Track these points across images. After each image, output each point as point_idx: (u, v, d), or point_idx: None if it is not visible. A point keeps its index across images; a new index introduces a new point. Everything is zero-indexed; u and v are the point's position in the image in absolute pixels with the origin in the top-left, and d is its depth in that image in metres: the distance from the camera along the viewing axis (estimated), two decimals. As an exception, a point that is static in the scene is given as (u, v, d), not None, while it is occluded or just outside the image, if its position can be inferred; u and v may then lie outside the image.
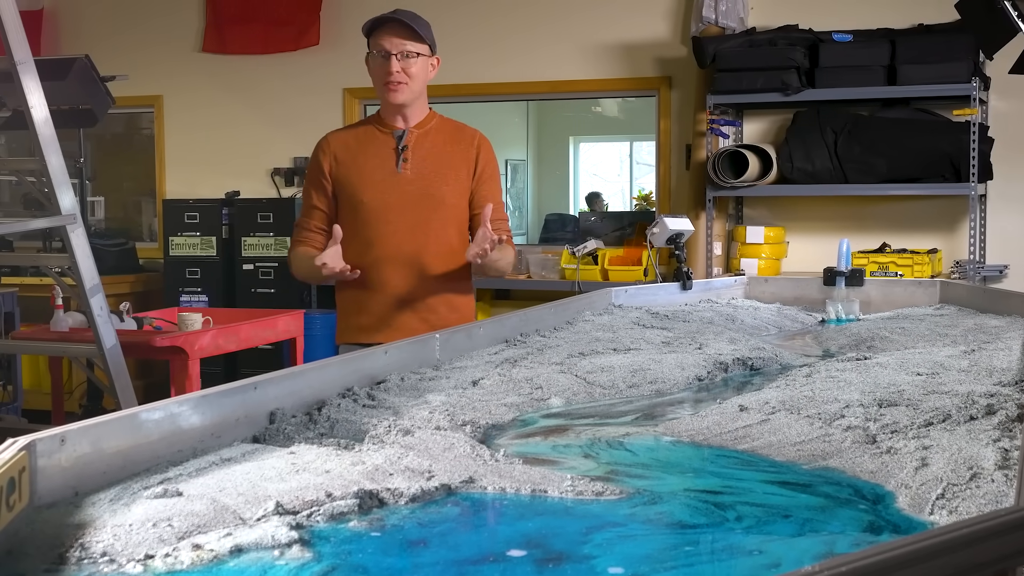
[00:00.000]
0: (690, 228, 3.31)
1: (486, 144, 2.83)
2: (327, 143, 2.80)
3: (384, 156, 2.74)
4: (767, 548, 1.09)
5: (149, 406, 1.33)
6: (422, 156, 2.75)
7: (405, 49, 2.68)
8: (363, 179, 2.73)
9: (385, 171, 2.73)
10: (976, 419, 1.52)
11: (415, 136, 2.75)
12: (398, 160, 2.73)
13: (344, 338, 2.78)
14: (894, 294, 3.26)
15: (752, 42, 5.36)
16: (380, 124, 2.79)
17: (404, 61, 2.68)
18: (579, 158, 11.06)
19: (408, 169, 2.73)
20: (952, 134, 5.03)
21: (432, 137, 2.77)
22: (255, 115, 6.69)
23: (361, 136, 2.79)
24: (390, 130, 2.76)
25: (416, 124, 2.77)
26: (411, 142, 2.74)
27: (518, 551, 1.09)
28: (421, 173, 2.73)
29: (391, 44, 2.68)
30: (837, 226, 5.43)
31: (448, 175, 2.75)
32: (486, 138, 2.85)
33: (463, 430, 1.53)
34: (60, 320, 4.23)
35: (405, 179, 2.72)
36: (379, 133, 2.77)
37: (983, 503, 1.15)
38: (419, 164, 2.74)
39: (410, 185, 2.72)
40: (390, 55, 2.68)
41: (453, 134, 2.81)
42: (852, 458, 1.39)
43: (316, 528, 1.12)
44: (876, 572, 0.70)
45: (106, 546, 1.03)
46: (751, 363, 2.19)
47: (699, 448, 1.52)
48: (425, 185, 2.73)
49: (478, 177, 2.78)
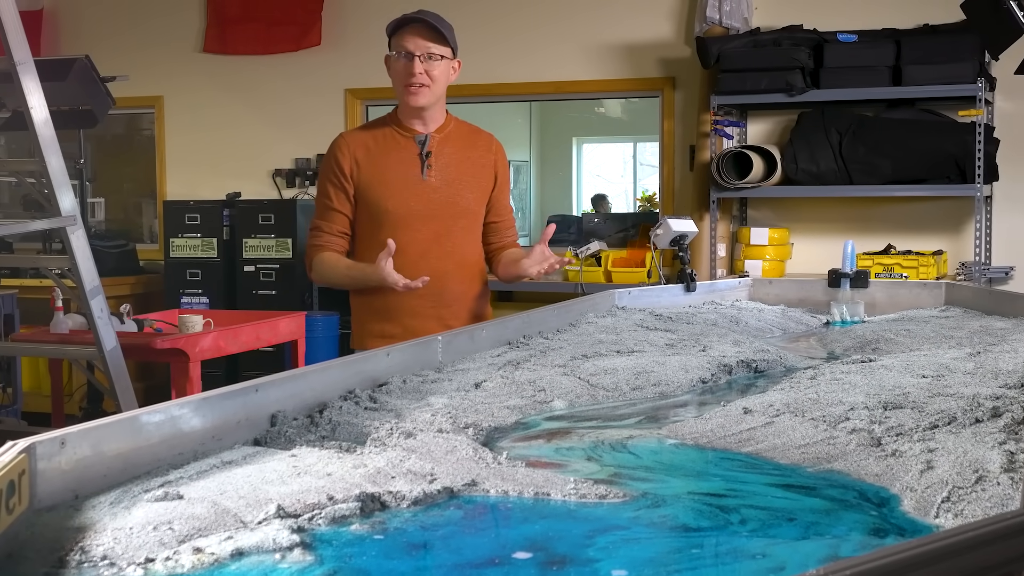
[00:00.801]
0: (694, 230, 3.30)
1: (502, 150, 2.84)
2: (345, 143, 2.73)
3: (408, 162, 2.70)
4: (771, 551, 1.09)
5: (150, 409, 1.33)
6: (445, 163, 2.72)
7: (429, 51, 2.64)
8: (387, 186, 2.68)
9: (410, 178, 2.68)
10: (982, 422, 1.51)
11: (437, 141, 2.72)
12: (423, 167, 2.69)
13: (363, 344, 2.71)
14: (899, 296, 3.25)
15: (756, 42, 5.35)
16: (399, 127, 2.73)
17: (427, 63, 2.64)
18: (582, 159, 11.06)
19: (433, 176, 2.69)
20: (957, 135, 5.02)
21: (452, 142, 2.75)
22: (256, 116, 6.69)
23: (380, 139, 2.73)
24: (410, 134, 2.72)
25: (436, 129, 2.74)
26: (434, 147, 2.71)
27: (521, 554, 1.08)
28: (446, 180, 2.71)
29: (415, 45, 2.63)
30: (842, 227, 5.42)
31: (471, 182, 2.74)
32: (500, 143, 2.85)
33: (465, 433, 1.52)
34: (60, 322, 4.22)
35: (431, 186, 2.69)
36: (400, 137, 2.72)
37: (989, 506, 1.15)
38: (443, 171, 2.71)
39: (436, 193, 2.69)
40: (413, 56, 2.63)
41: (471, 138, 2.79)
42: (857, 461, 1.39)
43: (318, 531, 1.12)
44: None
45: (106, 549, 1.03)
46: (755, 365, 2.18)
47: (703, 451, 1.51)
48: (451, 192, 2.70)
49: (498, 185, 2.79)
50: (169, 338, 4.09)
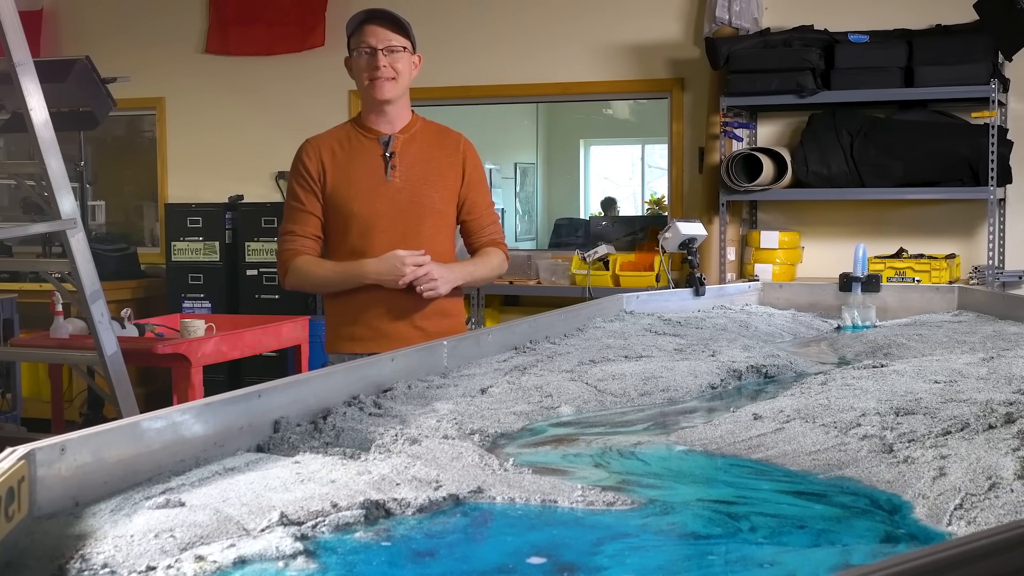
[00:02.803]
0: (703, 233, 3.29)
1: (471, 148, 2.83)
2: (312, 147, 2.76)
3: (371, 163, 2.72)
4: (781, 559, 1.08)
5: (151, 415, 1.32)
6: (409, 162, 2.73)
7: (391, 44, 2.66)
8: (352, 188, 2.70)
9: (374, 179, 2.70)
10: (995, 428, 1.49)
11: (401, 141, 2.73)
12: (386, 167, 2.71)
13: (335, 348, 2.74)
14: (911, 300, 3.24)
15: (766, 43, 5.33)
16: (363, 129, 2.76)
17: (390, 56, 2.67)
18: (590, 161, 11.07)
19: (397, 176, 2.71)
20: (970, 137, 4.99)
21: (418, 142, 2.76)
22: (259, 117, 6.67)
23: (344, 142, 2.75)
24: (374, 136, 2.74)
25: (401, 128, 2.75)
26: (398, 148, 2.72)
27: (528, 562, 1.07)
28: (410, 180, 2.72)
29: (376, 39, 2.66)
30: (853, 231, 5.39)
31: (436, 181, 2.74)
32: (470, 142, 2.85)
33: (471, 439, 1.52)
34: (60, 327, 4.21)
35: (394, 187, 2.70)
36: (363, 139, 2.74)
37: (1002, 513, 1.14)
38: (407, 171, 2.72)
39: (399, 193, 2.70)
40: (376, 50, 2.66)
41: (437, 137, 2.79)
42: (868, 467, 1.38)
43: (321, 539, 1.11)
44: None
45: (107, 557, 1.02)
46: (765, 371, 2.17)
47: (712, 457, 1.50)
48: (414, 192, 2.71)
49: (466, 183, 2.78)
50: (171, 343, 4.08)
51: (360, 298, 2.68)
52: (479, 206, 2.81)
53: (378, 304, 2.68)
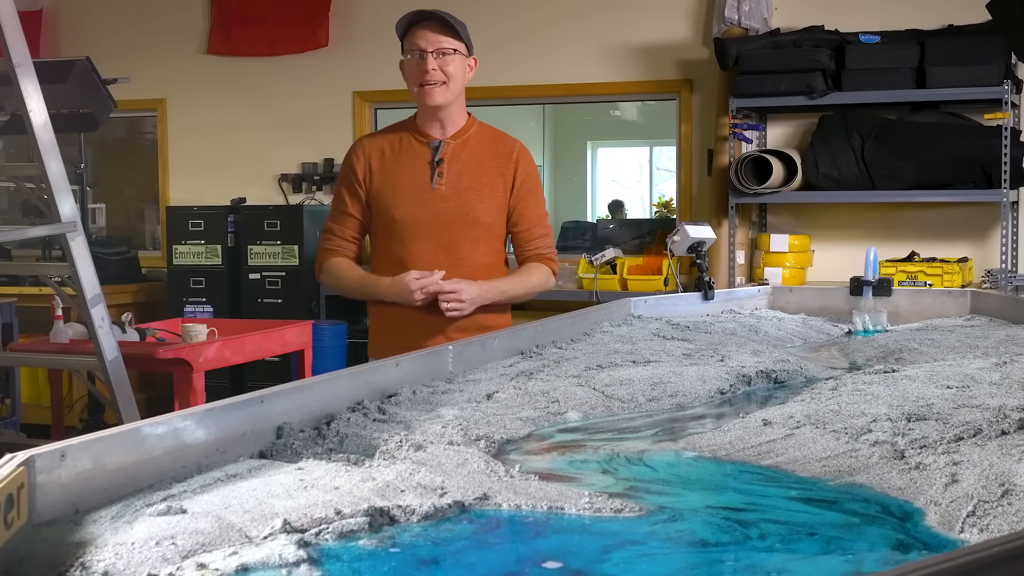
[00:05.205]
0: (712, 236, 3.27)
1: (525, 157, 2.75)
2: (361, 147, 2.73)
3: (418, 169, 2.67)
4: (791, 567, 1.07)
5: (152, 420, 1.31)
6: (458, 170, 2.67)
7: (441, 47, 2.61)
8: (396, 193, 2.66)
9: (419, 186, 2.66)
10: (1008, 434, 1.48)
11: (451, 148, 2.68)
12: (433, 174, 2.66)
13: (377, 353, 2.71)
14: (923, 304, 3.22)
15: (776, 44, 5.31)
16: (416, 132, 2.71)
17: (441, 59, 2.61)
18: (597, 163, 11.05)
19: (443, 184, 2.66)
20: (983, 139, 4.96)
21: (470, 148, 2.70)
22: (262, 119, 6.65)
23: (396, 144, 2.71)
24: (426, 140, 2.69)
25: (454, 134, 2.70)
26: (447, 155, 2.67)
27: (537, 569, 1.06)
28: (456, 189, 2.66)
29: (426, 41, 2.61)
30: (864, 234, 5.37)
31: (484, 192, 2.68)
32: (526, 149, 2.77)
33: (477, 445, 1.50)
34: (60, 331, 4.19)
35: (439, 195, 2.66)
36: (415, 142, 2.70)
37: (1015, 520, 1.13)
38: (455, 179, 2.67)
39: (444, 202, 2.65)
40: (425, 53, 2.60)
41: (492, 144, 2.73)
42: (880, 474, 1.37)
43: (325, 546, 1.10)
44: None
45: (107, 565, 1.01)
46: (775, 376, 2.15)
47: (721, 464, 1.49)
48: (460, 202, 2.66)
49: (516, 193, 2.71)
50: (172, 348, 4.05)
51: (401, 309, 2.63)
52: (528, 218, 2.74)
53: (418, 317, 2.63)
